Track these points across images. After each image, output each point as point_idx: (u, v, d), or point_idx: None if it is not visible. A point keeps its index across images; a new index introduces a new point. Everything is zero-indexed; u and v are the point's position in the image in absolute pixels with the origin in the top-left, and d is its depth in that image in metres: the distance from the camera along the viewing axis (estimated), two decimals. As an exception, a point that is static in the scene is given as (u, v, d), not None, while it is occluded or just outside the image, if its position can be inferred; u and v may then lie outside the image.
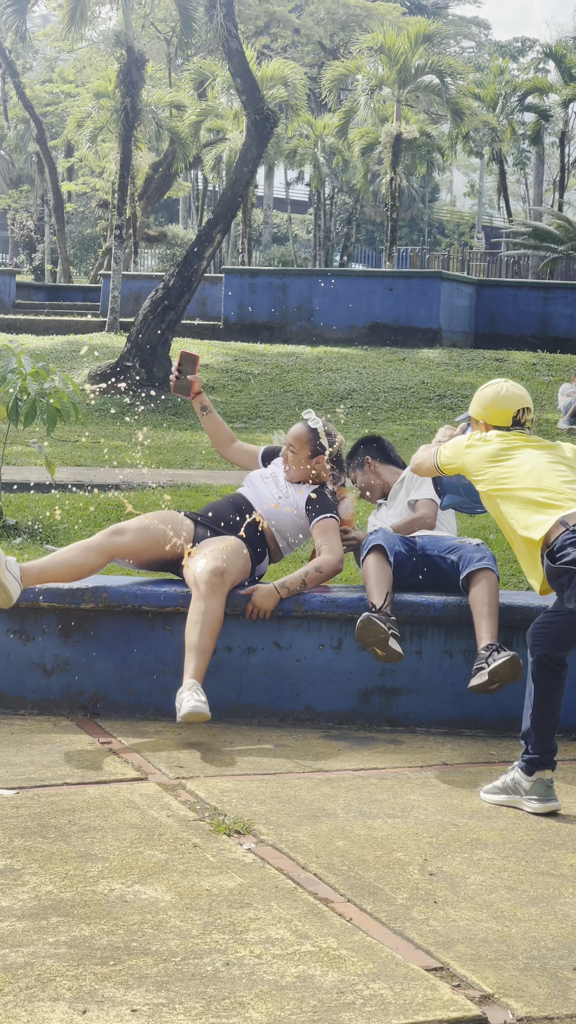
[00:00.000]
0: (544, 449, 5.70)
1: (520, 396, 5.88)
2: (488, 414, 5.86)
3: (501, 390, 5.87)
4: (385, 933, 4.15)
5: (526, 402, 5.88)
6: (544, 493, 5.46)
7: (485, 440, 5.76)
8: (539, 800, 5.38)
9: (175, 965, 3.82)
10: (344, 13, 53.16)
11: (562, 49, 49.89)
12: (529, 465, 5.59)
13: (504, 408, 5.84)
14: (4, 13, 29.64)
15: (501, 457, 5.67)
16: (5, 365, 9.17)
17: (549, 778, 5.41)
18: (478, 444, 5.78)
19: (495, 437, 5.76)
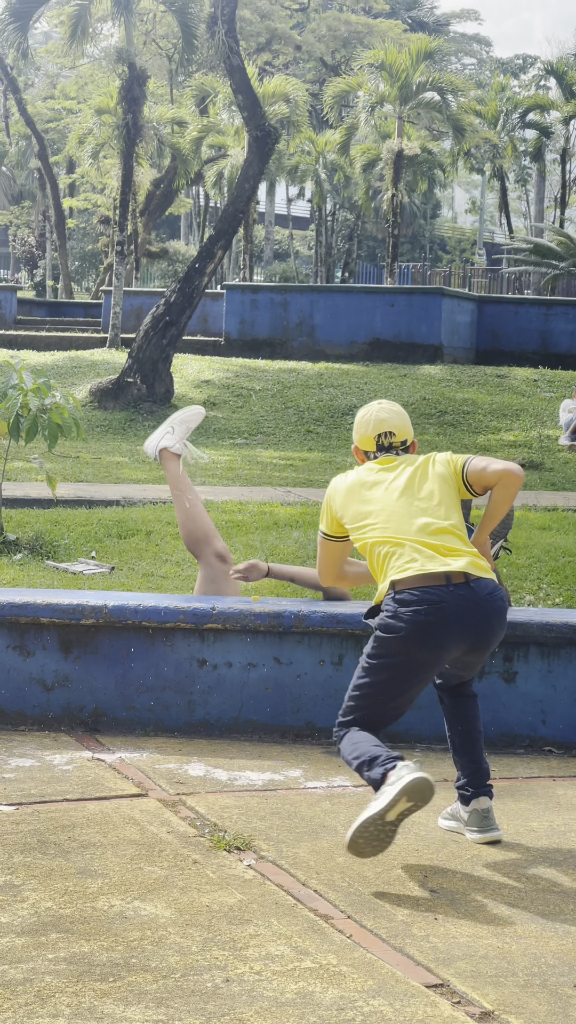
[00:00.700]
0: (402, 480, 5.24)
1: (381, 420, 5.44)
2: (357, 438, 5.52)
3: (365, 412, 5.50)
4: (385, 949, 4.15)
5: (388, 425, 5.43)
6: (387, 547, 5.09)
7: (344, 475, 5.46)
8: (478, 831, 5.19)
9: (175, 981, 3.81)
10: (345, 30, 53.30)
11: (563, 66, 50.00)
12: (381, 505, 5.20)
13: (364, 433, 5.47)
14: (6, 30, 29.71)
15: (358, 492, 5.30)
16: (6, 381, 9.19)
17: (485, 808, 5.19)
18: (340, 482, 5.43)
19: (358, 470, 5.40)
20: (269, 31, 52.25)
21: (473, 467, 5.23)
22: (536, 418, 23.34)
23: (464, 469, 5.26)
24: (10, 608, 6.48)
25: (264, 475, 16.70)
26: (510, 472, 5.18)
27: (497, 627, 5.08)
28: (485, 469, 5.21)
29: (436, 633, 4.94)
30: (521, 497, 14.73)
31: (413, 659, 4.97)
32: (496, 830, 5.20)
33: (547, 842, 5.21)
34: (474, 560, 5.08)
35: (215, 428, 22.38)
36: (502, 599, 5.11)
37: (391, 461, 5.36)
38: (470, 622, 4.98)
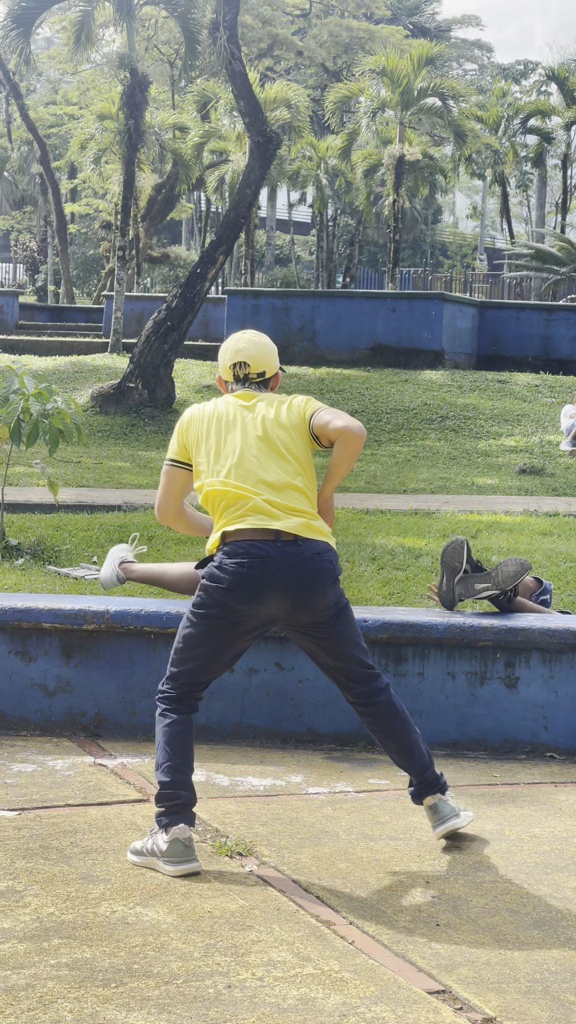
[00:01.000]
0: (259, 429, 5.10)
1: (238, 350, 5.27)
2: (220, 367, 5.38)
3: (227, 341, 5.34)
4: (387, 956, 4.14)
5: (243, 355, 5.26)
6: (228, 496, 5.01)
7: (203, 405, 5.28)
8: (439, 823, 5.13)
9: (177, 987, 3.81)
10: (347, 36, 53.36)
11: (564, 72, 50.06)
12: (231, 449, 5.07)
13: (223, 362, 5.31)
14: (8, 35, 29.75)
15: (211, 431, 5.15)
16: (8, 386, 9.19)
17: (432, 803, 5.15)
18: (197, 409, 5.28)
19: (215, 402, 5.26)
20: (271, 37, 52.32)
21: (318, 419, 5.11)
22: (537, 423, 23.34)
23: (311, 421, 5.14)
24: (12, 613, 6.49)
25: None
26: (349, 430, 5.03)
27: (318, 587, 4.97)
28: (328, 424, 5.08)
29: (256, 587, 4.91)
30: (522, 502, 14.73)
31: (234, 610, 4.94)
32: (453, 818, 5.13)
33: (549, 848, 5.21)
34: (308, 522, 5.01)
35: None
36: (330, 561, 5.01)
37: (250, 398, 5.23)
38: (291, 579, 4.92)
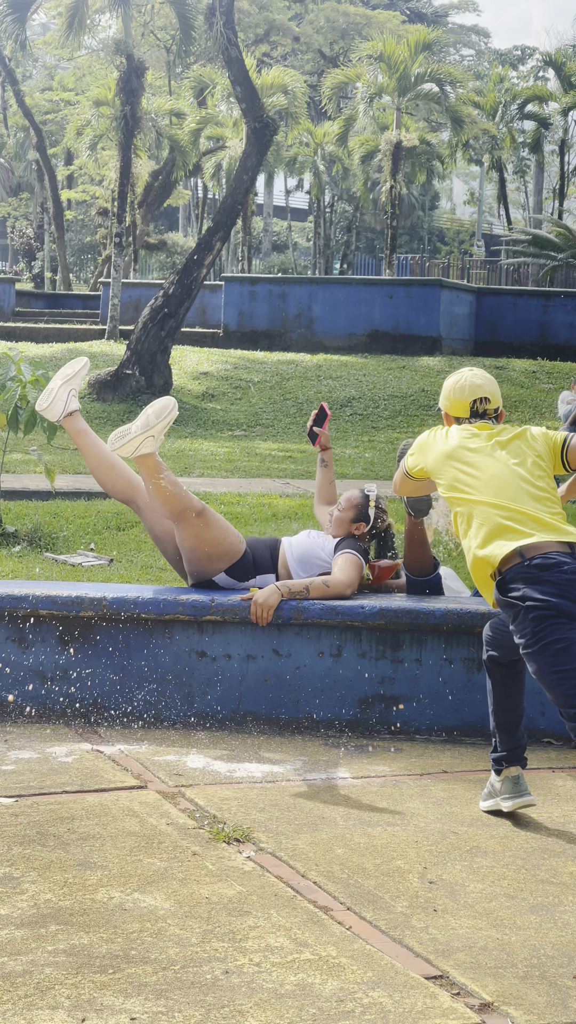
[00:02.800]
0: (509, 449, 5.38)
1: (477, 385, 5.54)
2: (448, 404, 5.58)
3: (460, 379, 5.57)
4: (385, 941, 4.15)
5: (483, 392, 5.53)
6: (505, 513, 5.18)
7: (446, 436, 5.52)
8: (510, 797, 5.33)
9: (174, 973, 3.81)
10: (344, 21, 53.24)
11: (562, 57, 49.97)
12: (490, 472, 5.30)
13: (459, 398, 5.54)
14: (4, 21, 29.68)
15: (458, 457, 5.38)
16: (5, 373, 9.18)
17: (516, 775, 5.36)
18: (438, 440, 5.53)
19: (456, 432, 5.47)
20: (267, 22, 52.18)
21: (573, 445, 5.40)
22: (535, 409, 23.34)
23: (565, 445, 5.41)
24: (9, 600, 6.48)
25: (263, 467, 16.70)
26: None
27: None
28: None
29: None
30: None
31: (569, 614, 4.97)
32: (528, 795, 5.36)
33: (546, 833, 5.21)
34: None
35: (213, 420, 22.38)
36: None
37: (490, 428, 5.47)
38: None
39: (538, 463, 5.35)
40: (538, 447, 5.41)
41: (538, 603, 4.98)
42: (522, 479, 5.27)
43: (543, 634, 4.97)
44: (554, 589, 4.97)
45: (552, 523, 5.15)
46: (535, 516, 5.16)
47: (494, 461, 5.33)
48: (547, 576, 4.99)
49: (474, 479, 5.30)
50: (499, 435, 5.43)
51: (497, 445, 5.39)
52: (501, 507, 5.20)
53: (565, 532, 5.13)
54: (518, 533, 5.12)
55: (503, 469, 5.29)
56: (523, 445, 5.40)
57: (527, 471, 5.31)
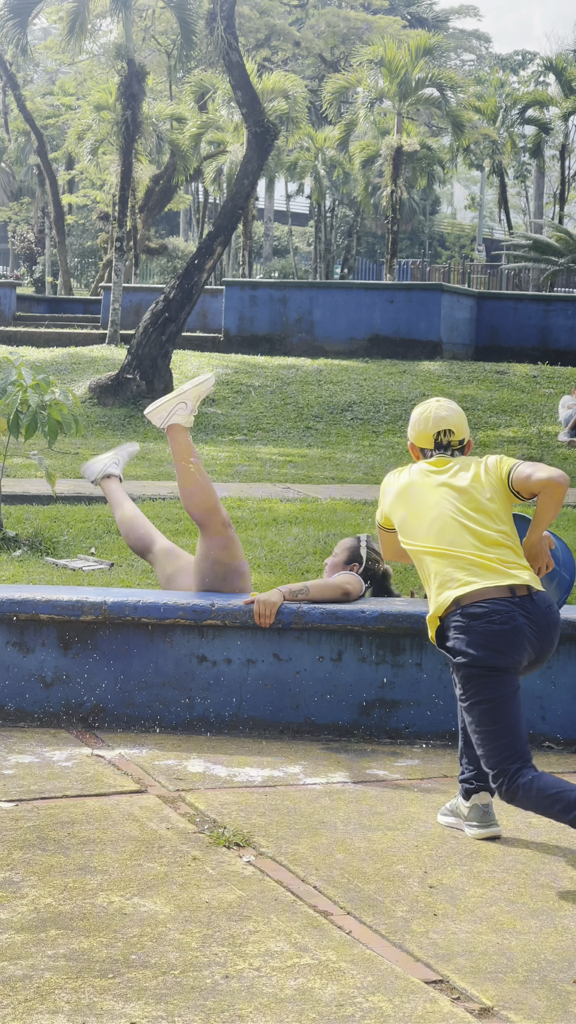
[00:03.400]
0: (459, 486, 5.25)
1: (442, 417, 5.43)
2: (414, 435, 5.52)
3: (425, 410, 5.49)
4: (385, 946, 4.15)
5: (447, 423, 5.42)
6: (447, 559, 5.10)
7: (398, 475, 5.45)
8: (477, 826, 5.20)
9: (174, 978, 3.81)
10: (345, 26, 53.26)
11: (562, 62, 49.96)
12: (433, 514, 5.20)
13: (424, 430, 5.46)
14: (5, 26, 29.68)
15: (406, 497, 5.31)
16: (6, 377, 9.19)
17: (486, 803, 5.21)
18: (392, 482, 5.45)
19: (409, 471, 5.40)
20: (268, 27, 52.22)
21: (518, 475, 5.26)
22: (535, 414, 23.34)
23: (509, 476, 5.28)
24: (9, 604, 6.48)
25: (263, 472, 16.70)
26: (553, 480, 5.19)
27: (554, 638, 5.12)
28: (529, 477, 5.24)
29: (511, 640, 4.97)
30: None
31: (501, 669, 4.98)
32: (496, 825, 5.20)
33: (546, 838, 5.21)
34: (532, 574, 5.15)
35: (214, 424, 22.37)
36: (556, 613, 5.16)
37: (445, 463, 5.37)
38: (536, 633, 5.03)
39: (492, 499, 5.24)
40: (491, 479, 5.30)
41: (466, 659, 4.98)
42: (468, 518, 5.17)
43: (471, 692, 5.00)
44: (481, 640, 4.96)
45: (493, 566, 5.06)
46: (477, 559, 5.08)
47: (440, 501, 5.23)
48: (476, 626, 4.97)
49: (419, 523, 5.23)
50: (453, 471, 5.32)
51: (448, 482, 5.28)
52: (444, 553, 5.13)
53: (507, 575, 5.05)
54: (458, 581, 5.06)
55: (447, 510, 5.19)
56: (477, 480, 5.29)
57: (476, 509, 5.20)
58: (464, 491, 5.24)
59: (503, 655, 4.97)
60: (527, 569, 5.14)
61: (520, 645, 4.99)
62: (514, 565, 5.11)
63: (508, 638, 4.97)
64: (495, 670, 4.96)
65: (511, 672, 5.02)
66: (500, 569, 5.06)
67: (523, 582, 5.05)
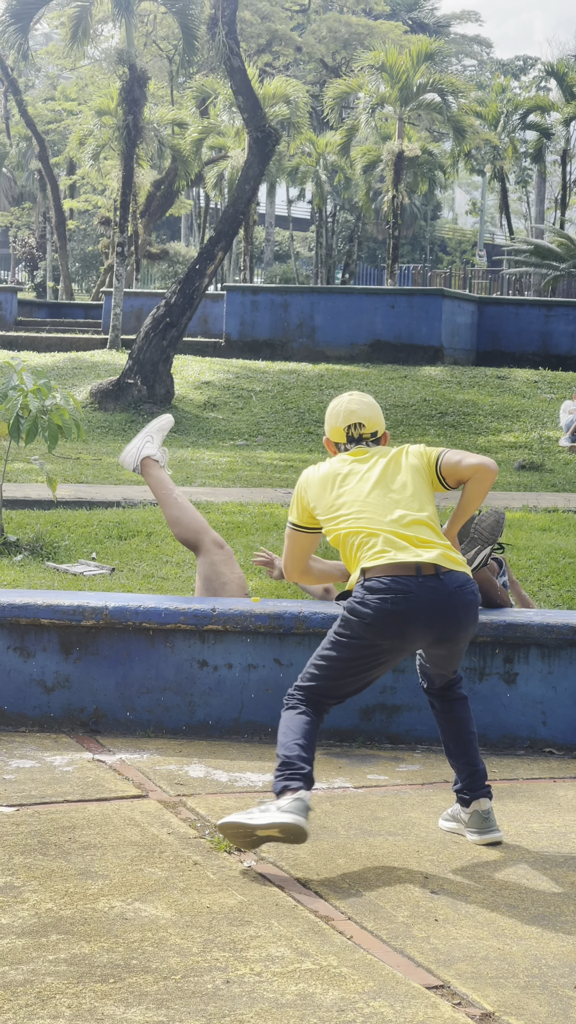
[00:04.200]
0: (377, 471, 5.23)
1: (352, 411, 5.40)
2: (328, 429, 5.49)
3: (337, 404, 5.45)
4: (386, 951, 4.14)
5: (357, 417, 5.38)
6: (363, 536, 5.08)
7: (317, 466, 5.38)
8: (477, 832, 5.17)
9: (175, 983, 3.81)
10: (346, 31, 53.30)
11: (564, 67, 50.05)
12: (354, 496, 5.18)
13: (335, 424, 5.43)
14: (6, 31, 29.71)
15: (332, 483, 5.26)
16: (7, 382, 9.19)
17: (485, 809, 5.17)
18: (313, 472, 5.39)
19: (327, 463, 5.37)
20: (269, 32, 52.25)
21: (447, 460, 5.23)
22: (536, 419, 23.35)
23: (438, 462, 5.25)
24: (11, 609, 6.48)
25: (264, 476, 16.71)
26: (484, 467, 5.17)
27: (464, 620, 5.04)
28: (459, 463, 5.20)
29: (401, 622, 4.94)
30: (521, 498, 14.74)
31: (376, 644, 4.98)
32: (496, 831, 5.19)
33: (547, 843, 5.21)
34: (446, 552, 5.06)
35: (215, 429, 22.39)
36: (472, 593, 5.07)
37: (363, 452, 5.34)
38: (436, 614, 4.96)
39: (416, 484, 5.21)
40: (413, 463, 5.26)
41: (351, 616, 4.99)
42: (390, 501, 5.15)
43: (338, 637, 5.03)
44: (370, 613, 4.95)
45: (405, 544, 5.04)
46: (392, 537, 5.05)
47: (362, 485, 5.21)
48: (371, 600, 4.96)
49: (342, 506, 5.20)
50: (373, 459, 5.30)
51: (370, 469, 5.26)
52: (361, 531, 5.10)
53: (415, 552, 5.02)
54: (368, 556, 5.04)
55: (369, 493, 5.18)
56: (396, 465, 5.26)
57: (397, 492, 5.19)
58: (386, 476, 5.22)
59: (383, 632, 4.95)
60: (441, 548, 5.07)
61: (407, 627, 4.95)
62: (427, 543, 5.06)
63: (397, 618, 4.94)
64: (363, 638, 4.97)
65: (386, 651, 5.01)
66: (409, 547, 5.03)
67: (430, 560, 4.99)
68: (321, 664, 5.08)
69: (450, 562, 5.04)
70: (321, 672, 5.07)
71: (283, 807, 4.78)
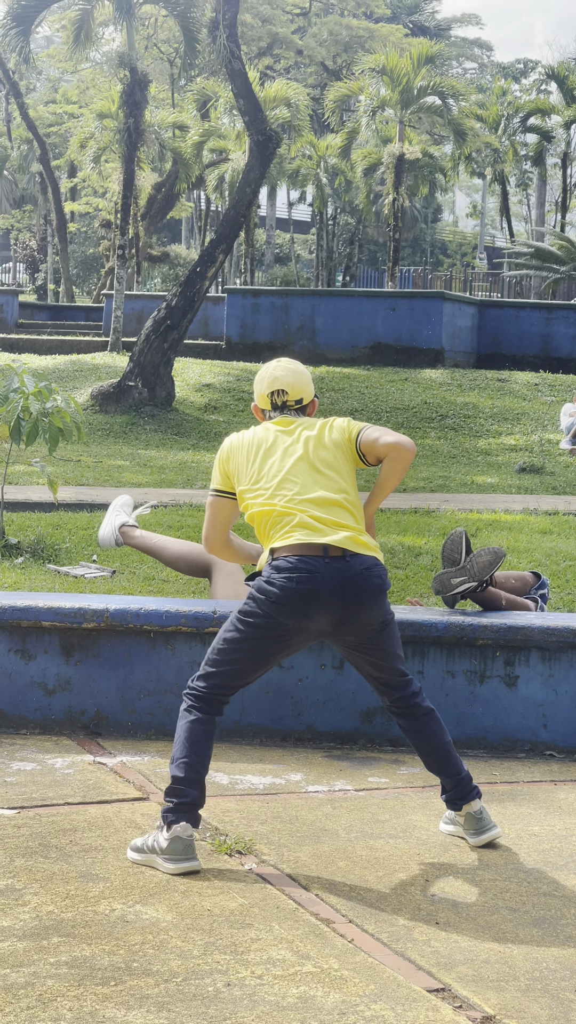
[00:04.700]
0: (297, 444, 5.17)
1: (276, 377, 5.33)
2: (255, 397, 5.44)
3: (263, 371, 5.38)
4: (387, 954, 4.14)
5: (280, 383, 5.31)
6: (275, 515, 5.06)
7: (241, 433, 5.34)
8: (476, 833, 5.15)
9: (176, 986, 3.81)
10: (347, 34, 53.33)
11: (564, 70, 50.06)
12: (275, 469, 5.14)
13: (260, 390, 5.37)
14: (8, 34, 29.73)
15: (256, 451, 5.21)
16: (8, 384, 9.19)
17: (476, 809, 5.15)
18: (238, 439, 5.34)
19: (257, 428, 5.30)
20: (270, 35, 52.30)
21: (366, 437, 5.19)
22: (537, 422, 23.34)
23: (357, 438, 5.21)
24: (12, 612, 6.49)
25: (265, 479, 16.67)
26: (400, 445, 5.12)
27: (368, 602, 4.99)
28: (377, 440, 5.16)
29: (304, 601, 4.92)
30: (522, 501, 14.74)
31: (280, 624, 4.95)
32: (493, 828, 5.16)
33: (548, 846, 5.21)
34: (355, 536, 5.03)
35: (216, 432, 22.39)
36: (379, 576, 5.02)
37: (289, 423, 5.28)
38: (339, 594, 4.93)
39: (335, 459, 5.17)
40: (336, 439, 5.20)
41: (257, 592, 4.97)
42: (308, 477, 5.11)
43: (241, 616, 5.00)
44: (275, 592, 4.93)
45: (317, 525, 5.02)
46: (305, 518, 5.03)
47: (283, 458, 5.16)
48: (277, 579, 4.94)
49: (262, 478, 5.16)
50: (297, 431, 5.24)
51: (293, 441, 5.21)
52: (275, 509, 5.07)
53: (324, 534, 4.99)
54: (279, 536, 5.03)
55: (289, 467, 5.13)
56: (319, 440, 5.20)
57: (317, 468, 5.14)
58: (308, 452, 5.17)
59: (287, 612, 4.93)
60: (351, 530, 5.04)
61: (310, 607, 4.93)
62: (339, 526, 5.03)
63: (300, 597, 4.91)
64: (274, 620, 4.95)
65: (290, 633, 4.98)
66: (320, 528, 5.00)
67: (337, 543, 4.97)
68: (223, 648, 5.03)
69: (358, 545, 5.02)
70: (222, 657, 5.02)
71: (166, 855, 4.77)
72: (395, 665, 5.16)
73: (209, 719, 5.02)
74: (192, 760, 4.92)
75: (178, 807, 4.85)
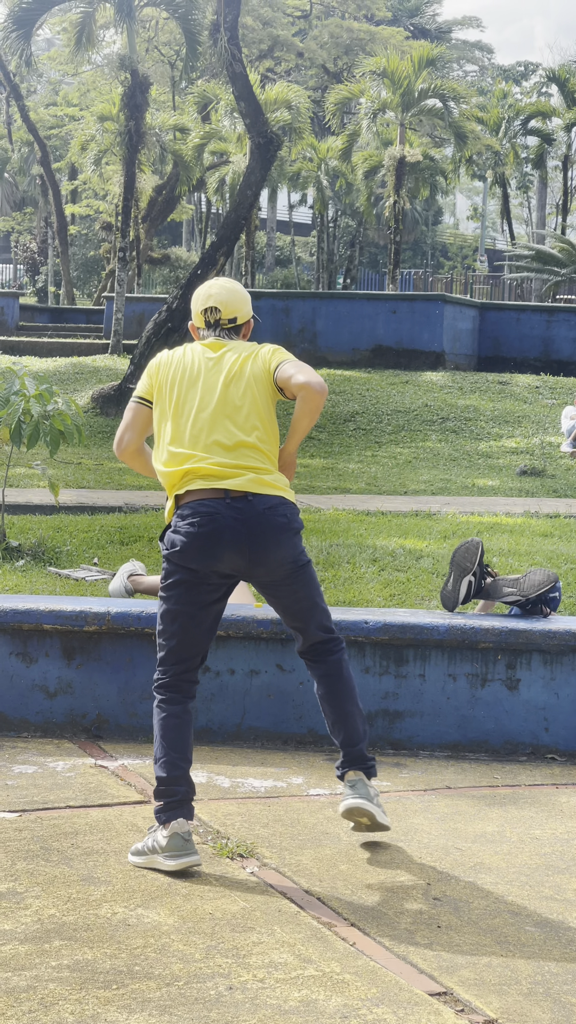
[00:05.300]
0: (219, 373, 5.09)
1: (210, 295, 5.24)
2: (192, 315, 5.34)
3: (200, 288, 5.29)
4: (389, 957, 4.14)
5: (213, 301, 5.22)
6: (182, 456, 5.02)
7: (172, 351, 5.26)
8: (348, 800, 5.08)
9: (178, 989, 3.81)
10: (348, 37, 53.31)
11: (565, 73, 50.06)
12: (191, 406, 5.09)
13: (195, 308, 5.27)
14: (9, 37, 29.74)
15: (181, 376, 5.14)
16: (9, 387, 9.19)
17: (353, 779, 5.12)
18: (167, 355, 5.26)
19: (188, 347, 5.23)
20: (271, 38, 52.29)
21: (282, 372, 5.11)
22: (538, 425, 23.34)
23: (275, 372, 5.14)
24: (13, 615, 6.49)
25: (266, 482, 16.66)
26: (309, 385, 5.04)
27: (272, 542, 4.99)
28: (290, 379, 5.09)
29: (208, 544, 4.93)
30: (523, 504, 14.73)
31: (193, 572, 4.96)
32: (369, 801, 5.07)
33: (550, 849, 5.20)
34: (259, 477, 5.02)
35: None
36: (284, 516, 5.01)
37: (219, 347, 5.20)
38: (242, 533, 4.94)
39: (254, 390, 5.11)
40: (256, 372, 5.13)
41: (166, 550, 5.00)
42: (222, 414, 5.07)
43: (165, 588, 5.04)
44: (181, 539, 4.95)
45: (220, 470, 5.00)
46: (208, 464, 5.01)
47: (203, 395, 5.10)
48: (181, 525, 4.96)
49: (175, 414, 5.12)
50: (223, 356, 5.15)
51: (215, 367, 5.14)
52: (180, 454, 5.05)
53: (225, 478, 4.98)
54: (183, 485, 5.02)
55: (205, 405, 5.08)
56: (240, 372, 5.12)
57: (230, 406, 5.09)
58: (228, 387, 5.10)
59: (195, 557, 4.94)
60: (257, 471, 5.03)
61: (216, 549, 4.94)
62: (243, 468, 5.02)
63: (205, 540, 4.92)
64: (188, 571, 4.96)
65: (206, 578, 4.99)
66: (221, 472, 4.99)
67: (238, 485, 4.97)
68: (162, 627, 5.05)
69: (262, 485, 5.01)
70: (165, 632, 5.04)
71: (166, 852, 4.78)
72: (312, 614, 5.16)
73: (181, 708, 5.02)
74: (171, 757, 4.93)
75: (168, 806, 4.87)
